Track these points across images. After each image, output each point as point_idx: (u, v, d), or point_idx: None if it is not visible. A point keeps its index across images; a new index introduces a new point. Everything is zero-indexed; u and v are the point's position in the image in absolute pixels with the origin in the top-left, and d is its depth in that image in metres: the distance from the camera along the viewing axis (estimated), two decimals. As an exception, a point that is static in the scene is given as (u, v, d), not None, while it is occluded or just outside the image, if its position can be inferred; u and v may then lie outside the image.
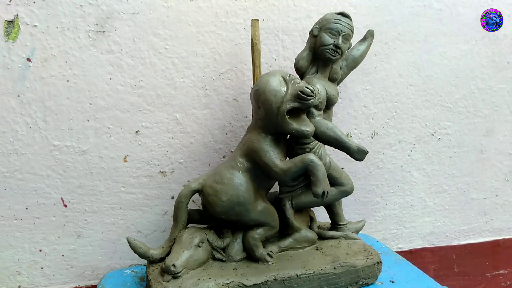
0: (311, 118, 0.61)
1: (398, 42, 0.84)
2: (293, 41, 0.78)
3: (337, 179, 0.65)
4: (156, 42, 0.71)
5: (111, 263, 0.77)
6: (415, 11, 0.84)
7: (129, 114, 0.72)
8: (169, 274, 0.56)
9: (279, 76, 0.58)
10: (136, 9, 0.69)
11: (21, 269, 0.73)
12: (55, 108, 0.69)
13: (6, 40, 0.65)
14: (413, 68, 0.86)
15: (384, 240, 0.92)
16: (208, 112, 0.76)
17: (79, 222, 0.73)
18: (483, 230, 1.00)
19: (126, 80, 0.71)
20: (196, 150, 0.77)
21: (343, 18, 0.62)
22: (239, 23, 0.75)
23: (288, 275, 0.58)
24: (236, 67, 0.76)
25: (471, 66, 0.90)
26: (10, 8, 0.65)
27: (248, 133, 0.62)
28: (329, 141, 0.61)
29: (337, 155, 0.77)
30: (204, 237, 0.60)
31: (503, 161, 0.96)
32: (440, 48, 0.87)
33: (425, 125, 0.89)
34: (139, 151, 0.74)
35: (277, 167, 0.57)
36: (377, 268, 0.63)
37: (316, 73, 0.65)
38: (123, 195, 0.74)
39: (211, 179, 0.60)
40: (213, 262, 0.61)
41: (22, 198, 0.70)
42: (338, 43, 0.62)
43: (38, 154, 0.69)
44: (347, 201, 0.70)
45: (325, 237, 0.69)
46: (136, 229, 0.77)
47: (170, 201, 0.77)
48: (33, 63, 0.67)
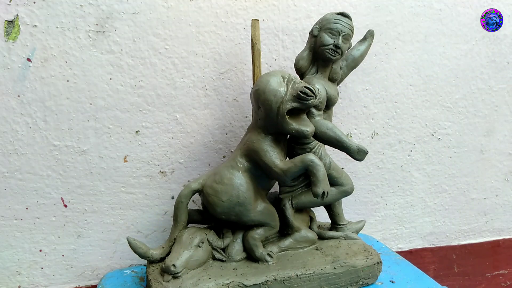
0: (311, 118, 0.61)
1: (398, 42, 0.84)
2: (293, 41, 0.78)
3: (337, 179, 0.65)
4: (156, 42, 0.71)
5: (111, 263, 0.77)
6: (415, 11, 0.84)
7: (129, 114, 0.72)
8: (169, 274, 0.56)
9: (279, 76, 0.58)
10: (136, 9, 0.69)
11: (21, 269, 0.73)
12: (55, 108, 0.69)
13: (6, 40, 0.65)
14: (413, 68, 0.86)
15: (384, 240, 0.92)
16: (208, 112, 0.76)
17: (79, 222, 0.73)
18: (483, 230, 1.00)
19: (126, 80, 0.71)
20: (196, 150, 0.77)
21: (343, 18, 0.62)
22: (239, 23, 0.75)
23: (288, 275, 0.58)
24: (236, 67, 0.76)
25: (471, 66, 0.90)
26: (10, 8, 0.65)
27: (248, 133, 0.62)
28: (329, 141, 0.61)
29: (337, 155, 0.78)
30: (204, 237, 0.60)
31: (503, 161, 0.96)
32: (440, 48, 0.87)
33: (425, 125, 0.89)
34: (139, 151, 0.74)
35: (277, 167, 0.57)
36: (377, 268, 0.63)
37: (316, 73, 0.65)
38: (123, 195, 0.75)
39: (211, 179, 0.60)
40: (213, 262, 0.61)
41: (22, 198, 0.70)
42: (338, 43, 0.62)
43: (38, 154, 0.69)
44: (347, 201, 0.70)
45: (325, 237, 0.69)
46: (136, 229, 0.77)
47: (170, 201, 0.77)
48: (33, 63, 0.67)
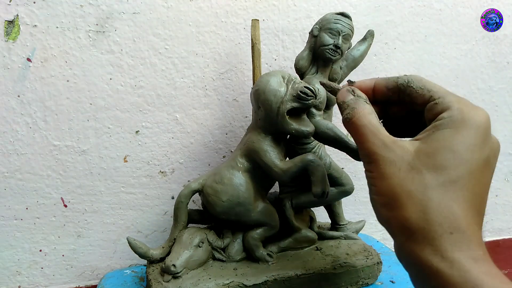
0: (311, 118, 0.61)
1: (398, 42, 0.84)
2: (293, 41, 0.78)
3: (337, 179, 0.65)
4: (156, 42, 0.71)
5: (111, 263, 0.77)
6: (415, 11, 0.84)
7: (129, 114, 0.72)
8: (169, 274, 0.56)
9: (279, 76, 0.58)
10: (136, 9, 0.70)
11: (21, 269, 0.73)
12: (55, 108, 0.69)
13: (6, 40, 0.65)
14: (413, 68, 0.86)
15: (384, 240, 0.92)
16: (208, 112, 0.76)
17: (79, 222, 0.73)
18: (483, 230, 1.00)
19: (126, 80, 0.71)
20: (196, 150, 0.77)
21: (343, 18, 0.62)
22: (239, 23, 0.75)
23: (288, 275, 0.58)
24: (236, 67, 0.76)
25: (471, 66, 0.90)
26: (10, 8, 0.65)
27: (248, 133, 0.62)
28: (329, 141, 0.61)
29: (337, 155, 0.77)
30: (204, 237, 0.60)
31: (503, 161, 0.96)
32: (440, 48, 0.87)
33: (425, 125, 0.89)
34: (139, 151, 0.74)
35: (277, 167, 0.57)
36: (377, 268, 0.63)
37: (316, 73, 0.65)
38: (123, 195, 0.75)
39: (211, 179, 0.60)
40: (213, 262, 0.61)
41: (22, 198, 0.70)
42: (338, 43, 0.62)
43: (38, 154, 0.69)
44: (347, 201, 0.70)
45: (325, 237, 0.69)
46: (136, 229, 0.77)
47: (170, 201, 0.77)
48: (33, 63, 0.67)
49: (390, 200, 0.36)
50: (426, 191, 0.34)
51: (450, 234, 0.33)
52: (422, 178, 0.35)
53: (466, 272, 0.31)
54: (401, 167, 0.36)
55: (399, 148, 0.37)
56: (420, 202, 0.34)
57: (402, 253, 0.36)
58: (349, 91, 0.43)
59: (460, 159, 0.34)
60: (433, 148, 0.35)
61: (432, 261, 0.33)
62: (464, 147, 0.34)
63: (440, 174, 0.34)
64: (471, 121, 0.35)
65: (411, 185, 0.35)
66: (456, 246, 0.32)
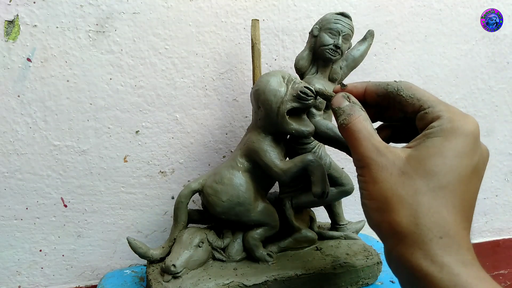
0: (311, 118, 0.61)
1: (398, 42, 0.84)
2: (293, 41, 0.78)
3: (337, 179, 0.65)
4: (156, 42, 0.71)
5: (111, 263, 0.77)
6: (415, 11, 0.84)
7: (129, 114, 0.72)
8: (169, 274, 0.56)
9: (279, 76, 0.58)
10: (136, 9, 0.70)
11: (21, 269, 0.73)
12: (55, 108, 0.69)
13: (6, 40, 0.65)
14: (413, 68, 0.86)
15: (384, 240, 0.92)
16: (208, 112, 0.76)
17: (79, 222, 0.73)
18: (483, 230, 1.00)
19: (126, 80, 0.71)
20: (196, 150, 0.77)
21: (343, 18, 0.62)
22: (239, 23, 0.75)
23: (288, 275, 0.58)
24: (236, 67, 0.76)
25: (471, 66, 0.90)
26: (10, 8, 0.65)
27: (248, 133, 0.62)
28: (329, 141, 0.61)
29: (337, 155, 0.77)
30: (204, 237, 0.60)
31: (503, 161, 0.96)
32: (440, 48, 0.87)
33: (425, 125, 0.89)
34: (139, 151, 0.74)
35: (277, 167, 0.57)
36: (377, 268, 0.63)
37: (316, 73, 0.65)
38: (123, 195, 0.75)
39: (211, 179, 0.60)
40: (213, 262, 0.61)
41: (22, 198, 0.70)
42: (338, 43, 0.62)
43: (38, 154, 0.69)
44: (347, 201, 0.70)
45: (325, 237, 0.69)
46: (136, 229, 0.77)
47: (170, 201, 0.77)
48: (33, 63, 0.67)
49: (381, 204, 0.36)
50: (417, 196, 0.35)
51: (439, 238, 0.33)
52: (413, 183, 0.35)
53: (455, 276, 0.32)
54: (392, 172, 0.36)
55: (391, 153, 0.37)
56: (410, 206, 0.35)
57: (392, 257, 0.37)
58: (344, 97, 0.43)
59: (450, 166, 0.35)
60: (423, 154, 0.36)
61: (422, 265, 0.33)
62: (453, 154, 0.35)
63: (430, 179, 0.35)
64: (461, 129, 0.36)
65: (402, 190, 0.35)
66: (446, 250, 0.33)
